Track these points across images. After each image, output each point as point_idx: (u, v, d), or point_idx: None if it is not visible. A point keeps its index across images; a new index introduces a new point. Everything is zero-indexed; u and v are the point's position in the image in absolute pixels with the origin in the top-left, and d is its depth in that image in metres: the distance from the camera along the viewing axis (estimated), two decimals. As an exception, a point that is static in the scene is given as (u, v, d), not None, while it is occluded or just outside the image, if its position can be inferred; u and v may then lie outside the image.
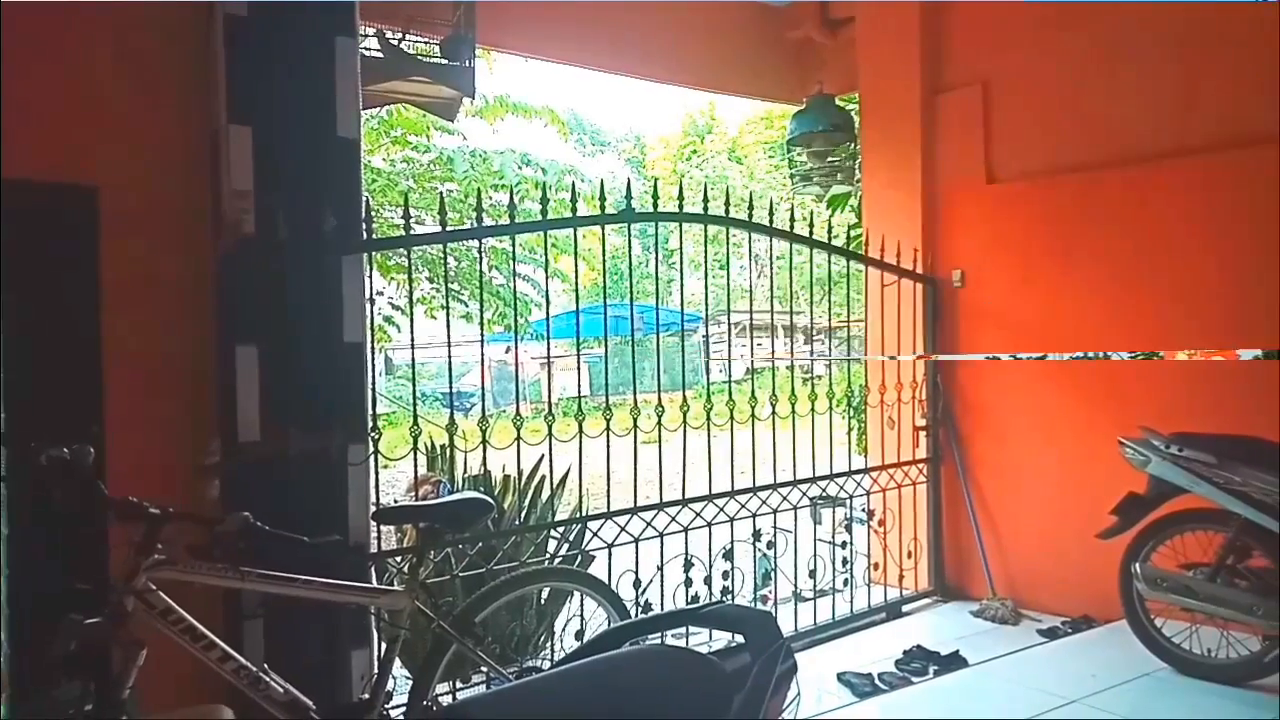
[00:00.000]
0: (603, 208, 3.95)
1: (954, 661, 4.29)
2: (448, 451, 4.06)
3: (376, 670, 2.97)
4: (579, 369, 4.45)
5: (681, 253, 4.42)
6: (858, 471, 5.11)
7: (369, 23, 4.74)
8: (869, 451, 5.71)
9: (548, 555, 4.03)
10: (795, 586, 4.73)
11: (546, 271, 4.52)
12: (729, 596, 4.36)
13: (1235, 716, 3.55)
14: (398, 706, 3.13)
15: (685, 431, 4.18)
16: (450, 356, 3.62)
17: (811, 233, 4.79)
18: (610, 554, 3.95)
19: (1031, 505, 5.09)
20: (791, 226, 4.69)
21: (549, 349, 4.15)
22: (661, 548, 4.09)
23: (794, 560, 4.68)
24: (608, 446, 3.95)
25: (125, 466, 2.84)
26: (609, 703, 1.49)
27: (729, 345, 5.34)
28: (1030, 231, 5.10)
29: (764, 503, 4.53)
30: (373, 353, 3.36)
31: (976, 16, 5.35)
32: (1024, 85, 5.14)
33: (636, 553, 4.01)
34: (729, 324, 5.52)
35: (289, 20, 3.14)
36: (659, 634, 2.35)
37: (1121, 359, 4.63)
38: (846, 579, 5.00)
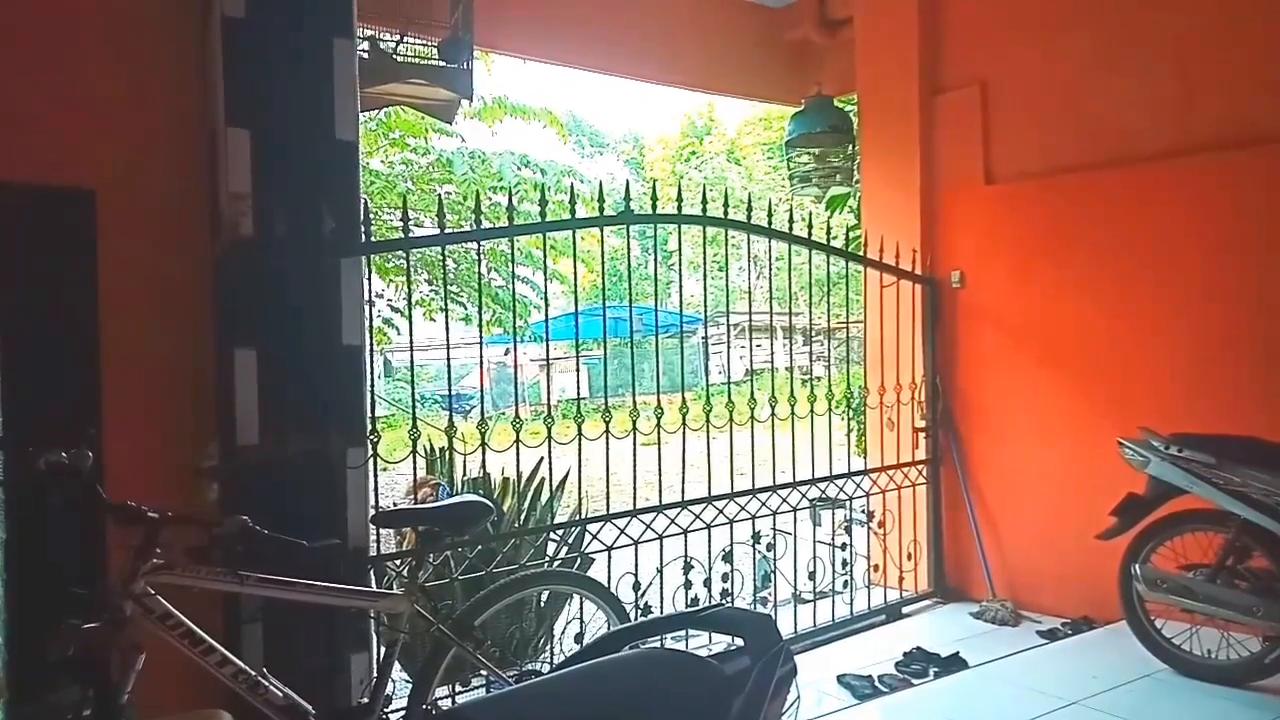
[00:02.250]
0: (601, 209, 3.94)
1: (954, 663, 4.29)
2: (447, 454, 4.05)
3: (376, 674, 2.97)
4: (578, 371, 4.44)
5: (680, 254, 4.41)
6: (857, 473, 5.11)
7: (366, 25, 4.74)
8: (868, 453, 5.71)
9: (547, 558, 4.03)
10: (795, 588, 4.72)
11: (545, 273, 4.52)
12: (728, 599, 4.35)
13: (1235, 717, 3.54)
14: (397, 710, 3.13)
15: (684, 433, 4.17)
16: (449, 359, 3.61)
17: (810, 234, 4.79)
18: (609, 557, 3.95)
19: (1031, 506, 5.09)
20: (790, 227, 4.69)
21: (548, 351, 4.15)
22: (661, 550, 4.08)
23: (794, 562, 4.68)
24: (607, 449, 3.94)
25: (123, 470, 2.83)
26: (609, 706, 1.49)
27: (728, 347, 5.33)
28: (1029, 232, 5.10)
29: (763, 505, 4.53)
30: (372, 355, 3.36)
31: (974, 17, 5.36)
32: (1022, 86, 5.14)
33: (636, 555, 4.00)
34: (728, 325, 5.51)
35: (287, 22, 3.13)
36: (659, 637, 2.34)
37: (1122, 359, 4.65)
38: (846, 581, 4.99)
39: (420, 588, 2.85)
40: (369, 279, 3.40)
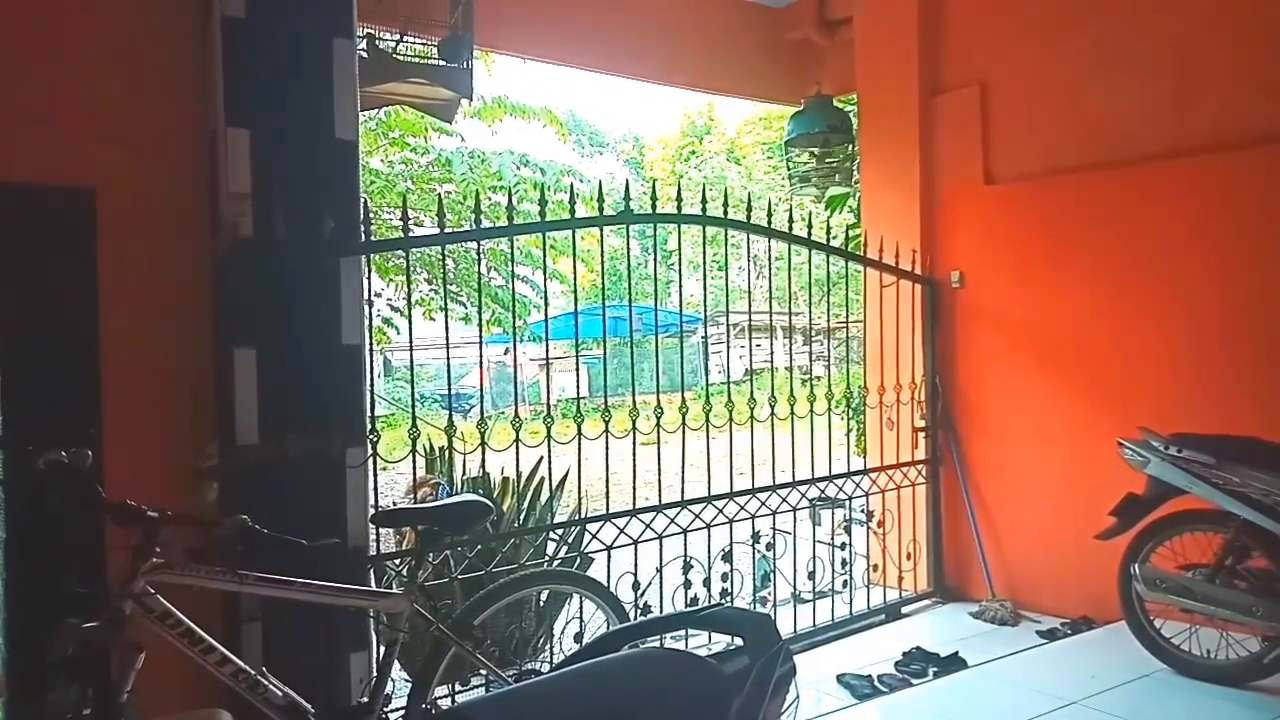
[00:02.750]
0: (601, 209, 3.95)
1: (953, 663, 4.29)
2: (447, 453, 4.05)
3: (375, 673, 2.97)
4: (578, 370, 4.44)
5: (680, 254, 4.41)
6: (857, 473, 5.11)
7: (366, 24, 4.74)
8: (868, 453, 5.71)
9: (547, 558, 4.03)
10: (794, 588, 4.72)
11: (545, 273, 4.51)
12: (728, 598, 4.35)
13: (1234, 717, 3.55)
14: (397, 710, 3.13)
15: (684, 433, 4.17)
16: (449, 358, 3.61)
17: (810, 233, 4.79)
18: (609, 556, 3.95)
19: (1031, 506, 5.09)
20: (790, 227, 4.69)
21: (547, 350, 4.15)
22: (660, 550, 4.09)
23: (793, 562, 4.68)
24: (606, 448, 3.94)
25: (123, 469, 2.84)
26: (608, 706, 1.49)
27: (728, 346, 5.34)
28: (1028, 232, 5.10)
29: (763, 504, 4.53)
30: (371, 355, 3.36)
31: (974, 18, 5.36)
32: (1022, 86, 5.14)
33: (635, 555, 4.00)
34: (728, 325, 5.52)
35: (287, 22, 3.13)
36: (658, 636, 2.35)
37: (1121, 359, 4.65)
38: (846, 580, 5.00)
39: (420, 587, 2.85)
40: (369, 278, 3.40)
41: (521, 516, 4.36)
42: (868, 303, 5.49)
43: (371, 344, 3.40)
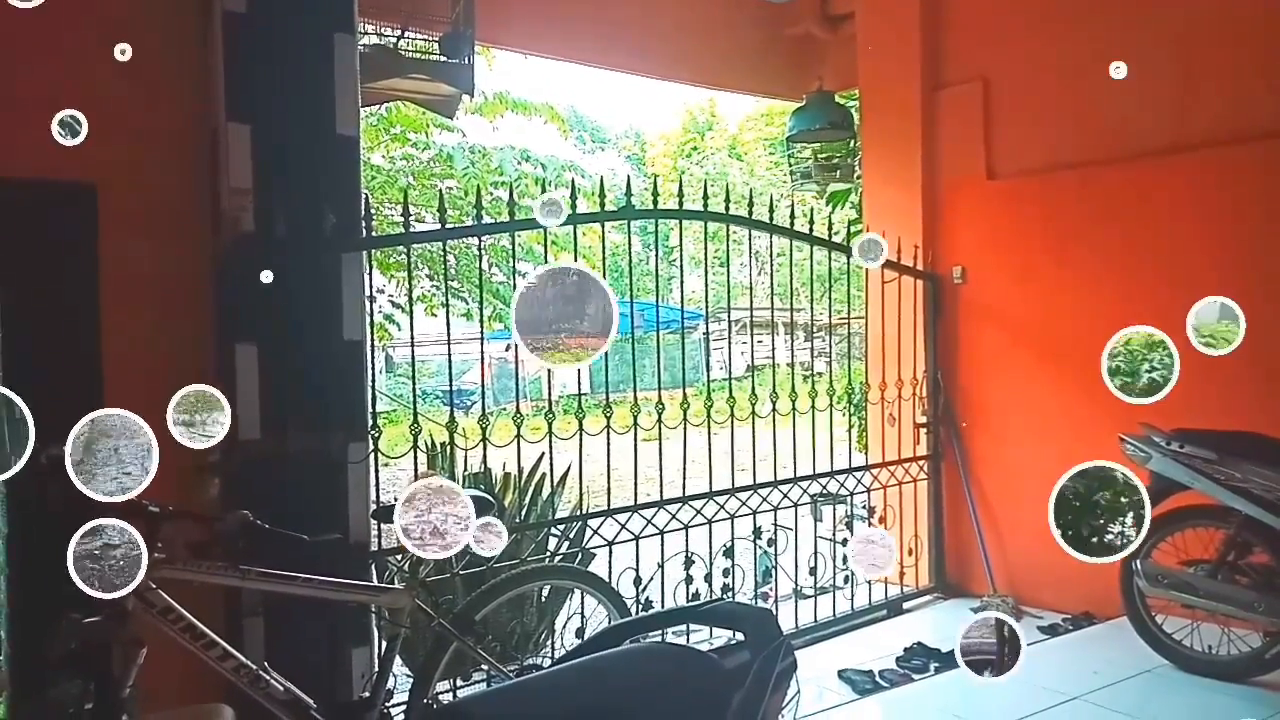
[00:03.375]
0: (602, 205, 3.94)
1: (955, 658, 4.28)
2: (448, 449, 4.05)
3: (377, 668, 2.97)
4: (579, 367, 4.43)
5: (681, 250, 4.41)
6: (858, 469, 5.11)
7: (367, 19, 4.74)
8: (869, 449, 5.71)
9: (548, 553, 4.03)
10: (796, 583, 4.73)
11: (546, 269, 4.51)
12: (729, 594, 4.35)
13: (1236, 713, 3.55)
14: (398, 705, 3.13)
15: (686, 429, 4.17)
16: (450, 354, 3.61)
17: (812, 229, 4.78)
18: (611, 551, 3.95)
19: (1032, 502, 5.02)
20: (791, 223, 4.68)
21: (549, 346, 4.13)
22: (662, 545, 4.09)
23: (795, 557, 4.68)
24: (608, 444, 3.94)
25: (125, 465, 2.84)
26: (609, 700, 1.49)
27: (729, 342, 5.33)
28: (1030, 228, 5.09)
29: (764, 500, 4.53)
30: (373, 350, 3.36)
31: (976, 12, 5.34)
32: (1024, 81, 5.13)
33: (637, 550, 4.01)
34: (729, 321, 5.51)
35: (288, 17, 3.13)
36: (659, 632, 2.35)
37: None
38: (847, 576, 4.99)
39: (421, 582, 2.85)
40: (369, 274, 3.40)
41: (523, 512, 4.37)
42: (869, 299, 5.48)
43: (373, 340, 3.40)
